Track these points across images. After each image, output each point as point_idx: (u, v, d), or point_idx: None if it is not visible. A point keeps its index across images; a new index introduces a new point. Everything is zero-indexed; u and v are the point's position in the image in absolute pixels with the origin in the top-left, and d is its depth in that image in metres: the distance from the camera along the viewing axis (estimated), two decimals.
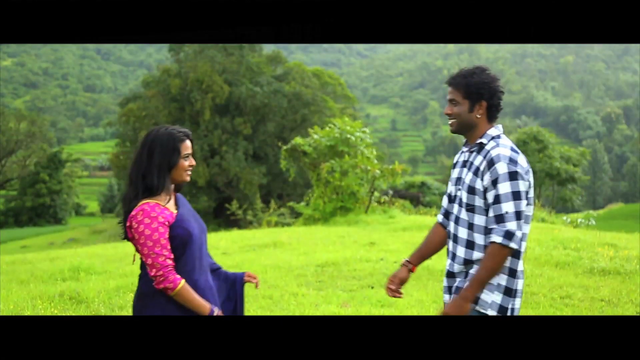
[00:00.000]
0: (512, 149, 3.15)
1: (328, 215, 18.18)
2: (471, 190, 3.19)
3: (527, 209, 3.17)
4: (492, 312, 3.13)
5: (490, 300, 3.14)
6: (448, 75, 3.35)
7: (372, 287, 7.76)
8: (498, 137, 3.23)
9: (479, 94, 3.21)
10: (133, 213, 3.08)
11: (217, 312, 3.17)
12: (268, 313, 6.98)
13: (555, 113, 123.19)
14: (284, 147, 20.16)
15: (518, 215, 3.06)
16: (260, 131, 44.89)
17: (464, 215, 3.24)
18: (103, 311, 6.67)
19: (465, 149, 3.37)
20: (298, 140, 19.74)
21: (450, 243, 3.33)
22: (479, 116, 3.24)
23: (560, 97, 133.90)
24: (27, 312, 6.43)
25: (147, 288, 3.14)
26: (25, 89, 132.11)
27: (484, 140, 3.23)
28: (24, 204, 55.94)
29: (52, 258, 11.42)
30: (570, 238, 10.90)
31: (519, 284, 3.21)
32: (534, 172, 41.32)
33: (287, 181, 39.38)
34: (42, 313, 6.45)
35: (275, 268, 9.32)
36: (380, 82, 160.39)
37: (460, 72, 3.28)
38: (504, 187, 3.07)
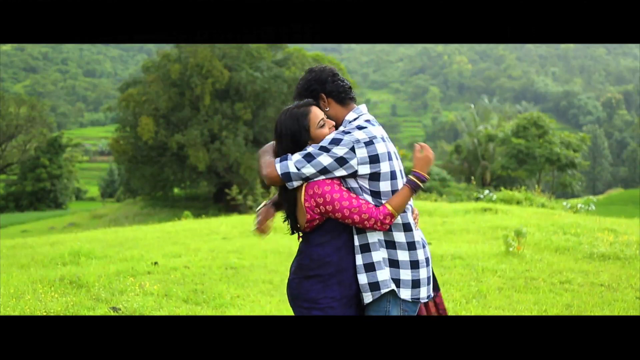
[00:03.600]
0: (358, 127, 3.22)
1: None
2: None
3: (383, 185, 3.19)
4: (393, 286, 3.17)
5: (382, 277, 3.18)
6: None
7: None
8: (354, 119, 3.31)
9: (312, 91, 3.33)
10: (310, 192, 3.15)
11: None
12: (268, 298, 7.01)
13: (556, 98, 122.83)
14: None
15: (308, 157, 3.14)
16: (261, 116, 44.74)
17: None
18: (103, 296, 6.69)
19: None
20: None
21: None
22: (328, 108, 3.34)
23: (560, 83, 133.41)
24: (28, 296, 6.45)
25: (308, 261, 3.22)
26: (25, 74, 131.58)
27: (343, 128, 3.32)
28: (24, 189, 55.90)
29: (52, 242, 11.45)
30: (570, 223, 10.92)
31: (414, 255, 3.22)
32: (534, 158, 41.48)
33: None
34: (42, 297, 6.47)
35: (275, 253, 9.34)
36: (380, 68, 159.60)
37: (296, 86, 3.44)
38: (323, 142, 3.17)
